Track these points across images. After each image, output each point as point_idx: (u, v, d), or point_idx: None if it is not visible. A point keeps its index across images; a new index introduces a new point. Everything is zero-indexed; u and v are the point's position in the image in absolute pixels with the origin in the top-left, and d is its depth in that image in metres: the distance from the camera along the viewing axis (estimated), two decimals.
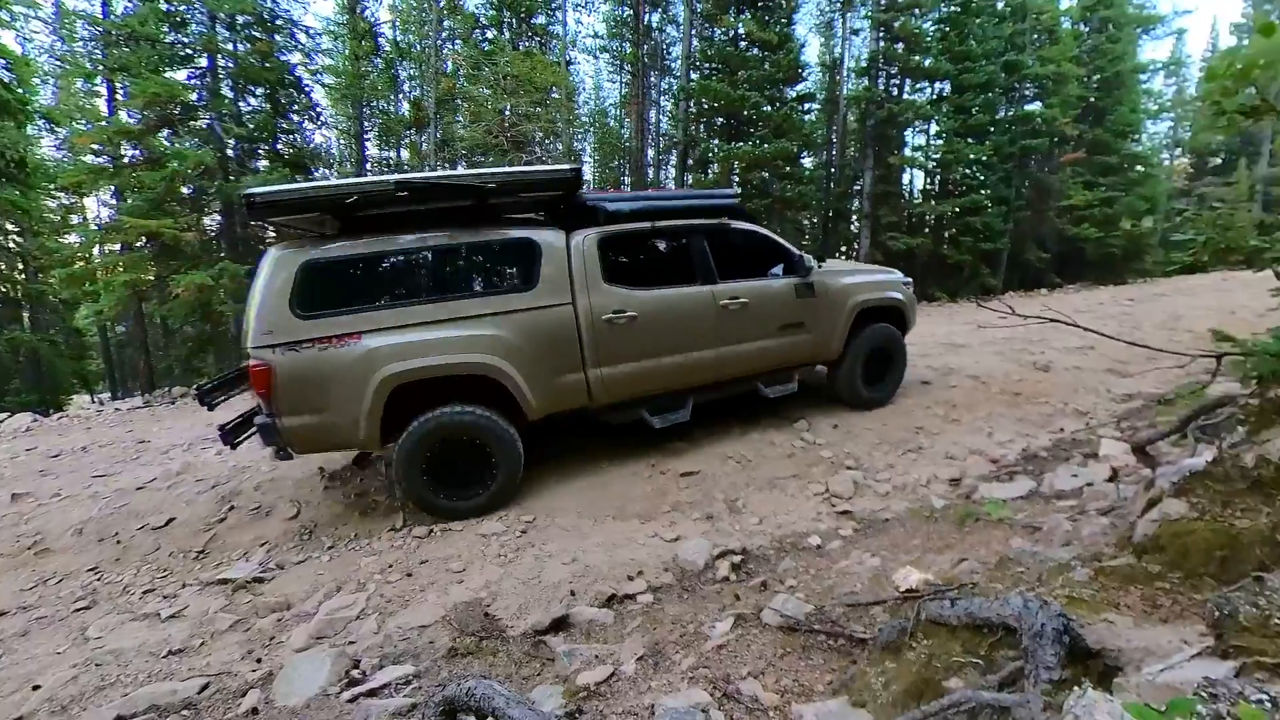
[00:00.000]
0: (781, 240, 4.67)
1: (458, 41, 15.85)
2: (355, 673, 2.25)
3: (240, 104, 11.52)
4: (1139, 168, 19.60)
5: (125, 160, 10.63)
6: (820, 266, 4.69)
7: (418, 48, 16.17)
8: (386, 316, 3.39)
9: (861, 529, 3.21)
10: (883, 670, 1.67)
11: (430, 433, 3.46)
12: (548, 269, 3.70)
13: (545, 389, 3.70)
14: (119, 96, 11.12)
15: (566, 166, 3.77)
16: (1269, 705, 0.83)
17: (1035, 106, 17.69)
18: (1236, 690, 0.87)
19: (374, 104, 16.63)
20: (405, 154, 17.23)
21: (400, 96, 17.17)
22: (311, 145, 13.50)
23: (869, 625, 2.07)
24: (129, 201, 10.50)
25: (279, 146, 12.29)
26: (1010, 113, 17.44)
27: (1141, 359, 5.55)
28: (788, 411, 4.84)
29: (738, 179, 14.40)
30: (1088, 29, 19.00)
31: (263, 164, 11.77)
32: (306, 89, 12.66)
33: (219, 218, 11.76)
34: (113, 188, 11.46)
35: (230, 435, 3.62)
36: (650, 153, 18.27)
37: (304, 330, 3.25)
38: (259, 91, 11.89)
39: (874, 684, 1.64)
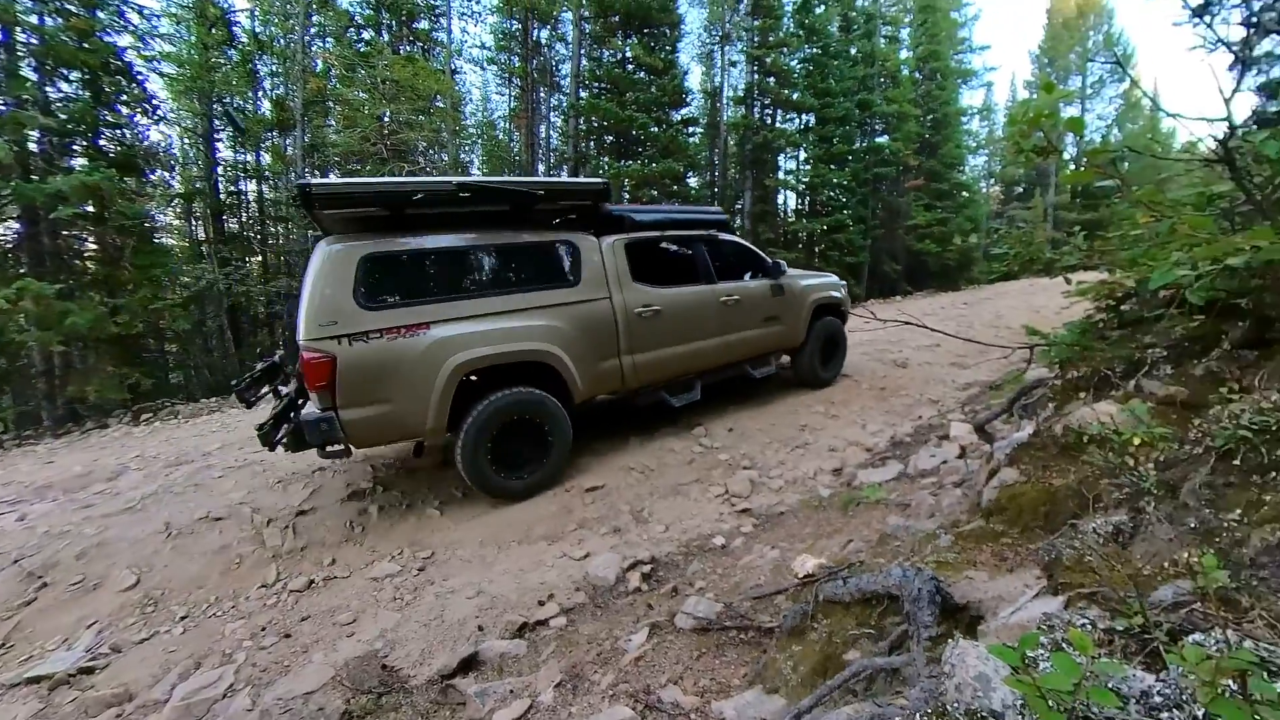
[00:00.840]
0: (758, 250, 5.54)
1: (329, 40, 14.62)
2: None
3: (48, 89, 9.61)
4: (964, 194, 23.63)
5: None
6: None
7: (281, 42, 14.64)
8: (452, 308, 3.56)
9: (760, 524, 3.38)
10: (790, 655, 1.77)
11: (500, 410, 3.66)
12: (587, 268, 4.13)
13: (590, 374, 4.08)
14: None
15: (598, 180, 4.28)
16: (1090, 627, 1.00)
17: (884, 140, 20.50)
18: (1066, 620, 1.05)
19: (227, 100, 14.73)
20: (266, 158, 15.41)
21: (260, 94, 15.41)
22: (145, 142, 11.60)
23: (774, 614, 2.19)
24: None
25: (101, 142, 10.42)
26: (864, 144, 20.07)
27: (976, 352, 6.55)
28: (685, 419, 5.03)
29: (628, 196, 14.80)
30: (921, 76, 22.43)
31: (80, 161, 9.90)
32: (140, 78, 10.88)
33: (18, 225, 9.67)
34: None
35: (268, 436, 3.47)
36: (541, 167, 18.14)
37: (371, 321, 3.29)
38: (75, 76, 10.00)
39: (784, 669, 1.73)
